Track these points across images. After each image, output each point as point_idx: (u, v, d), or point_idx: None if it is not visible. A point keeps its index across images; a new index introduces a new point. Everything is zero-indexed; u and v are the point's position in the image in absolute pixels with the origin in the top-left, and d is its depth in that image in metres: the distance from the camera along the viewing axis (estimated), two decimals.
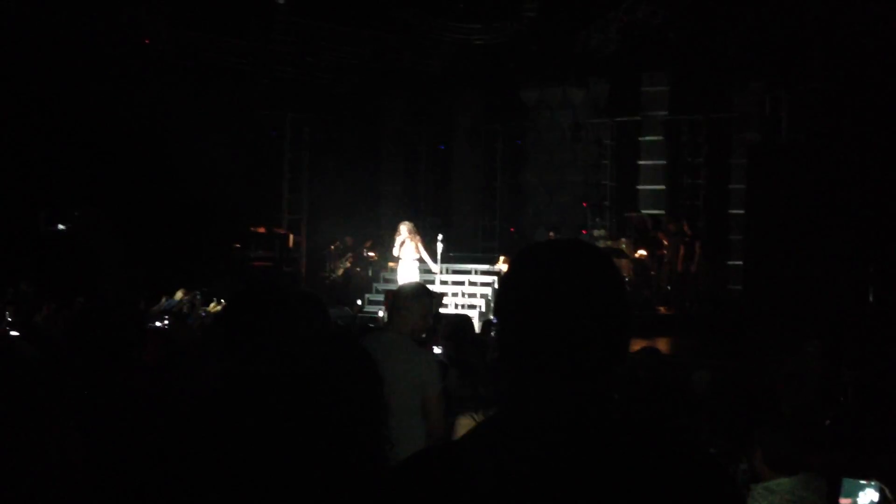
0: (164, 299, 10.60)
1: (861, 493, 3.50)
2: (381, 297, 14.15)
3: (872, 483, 3.44)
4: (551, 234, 14.91)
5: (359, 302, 13.12)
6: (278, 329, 2.28)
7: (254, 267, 13.54)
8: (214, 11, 12.92)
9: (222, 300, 9.41)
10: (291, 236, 15.00)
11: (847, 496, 3.53)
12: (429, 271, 13.27)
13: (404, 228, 12.87)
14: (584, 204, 16.32)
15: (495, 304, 1.36)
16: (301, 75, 14.38)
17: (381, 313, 13.08)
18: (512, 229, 17.00)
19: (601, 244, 14.84)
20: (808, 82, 12.83)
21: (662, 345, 12.21)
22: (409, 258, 12.96)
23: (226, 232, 13.87)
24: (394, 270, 14.68)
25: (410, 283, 4.34)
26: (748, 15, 12.69)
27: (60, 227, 11.96)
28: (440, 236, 13.45)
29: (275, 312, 2.32)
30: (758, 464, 3.61)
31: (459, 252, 15.46)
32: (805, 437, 3.65)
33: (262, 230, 14.40)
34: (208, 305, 10.40)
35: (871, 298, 9.54)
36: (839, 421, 4.89)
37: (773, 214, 10.45)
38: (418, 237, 12.97)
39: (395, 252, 12.96)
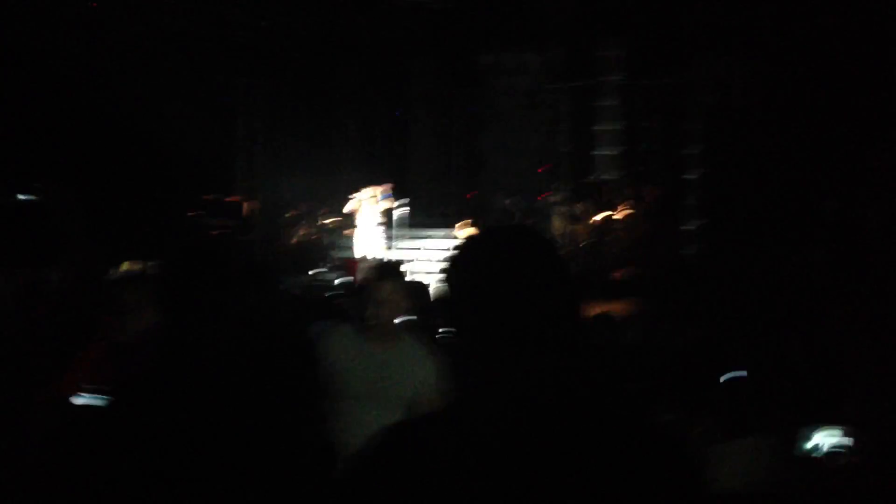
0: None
1: (822, 436, 3.57)
2: (339, 264, 14.10)
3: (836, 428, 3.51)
4: (507, 201, 14.97)
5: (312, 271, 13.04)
6: (209, 291, 2.23)
7: (209, 235, 13.34)
8: None
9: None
10: (246, 204, 14.81)
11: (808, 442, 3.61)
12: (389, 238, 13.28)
13: (363, 193, 12.83)
14: (540, 169, 16.35)
15: (449, 285, 1.40)
16: (254, 40, 14.11)
17: (337, 281, 13.03)
18: (469, 195, 16.99)
19: (558, 209, 14.93)
20: (761, 46, 12.93)
21: (620, 308, 12.36)
22: (368, 225, 12.91)
23: (180, 200, 13.64)
24: (350, 238, 14.61)
25: (378, 266, 4.12)
26: None
27: (22, 197, 11.64)
28: (396, 203, 13.43)
29: (207, 273, 2.27)
30: (713, 426, 3.66)
31: (416, 218, 15.44)
32: (759, 396, 3.70)
33: (216, 198, 14.20)
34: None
35: (822, 263, 9.72)
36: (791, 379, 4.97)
37: (728, 178, 10.57)
38: (379, 202, 12.93)
39: (347, 210, 12.85)
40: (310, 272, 12.17)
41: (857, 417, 3.96)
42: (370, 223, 13.06)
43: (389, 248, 13.73)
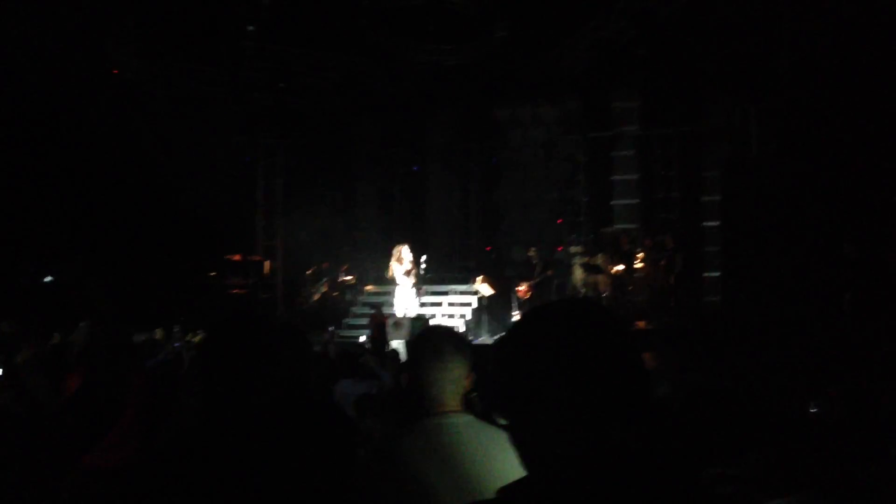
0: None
1: None
2: (358, 322, 14.10)
3: None
4: (531, 251, 14.96)
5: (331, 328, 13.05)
6: (261, 357, 2.24)
7: (230, 295, 13.41)
8: (184, 39, 12.86)
9: (200, 331, 9.29)
10: (267, 263, 14.91)
11: None
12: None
13: (399, 251, 12.85)
14: (560, 220, 16.37)
15: (506, 369, 1.34)
16: (273, 101, 14.34)
17: (362, 338, 13.03)
18: (488, 248, 17.02)
19: (578, 260, 14.91)
20: (776, 95, 12.99)
21: (647, 360, 12.24)
22: (403, 281, 12.92)
23: (202, 261, 13.76)
24: (371, 294, 14.63)
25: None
26: (716, 30, 12.84)
27: (48, 279, 11.83)
28: (423, 257, 13.44)
29: (257, 341, 2.28)
30: (747, 485, 3.59)
31: (436, 272, 15.46)
32: (795, 454, 3.63)
33: (237, 258, 14.29)
34: (187, 337, 10.26)
35: (846, 307, 9.62)
36: (827, 436, 4.88)
37: (747, 226, 10.54)
38: (412, 259, 12.96)
39: (388, 274, 12.92)
40: (330, 329, 12.17)
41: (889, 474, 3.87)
42: (407, 280, 13.09)
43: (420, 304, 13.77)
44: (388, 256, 13.14)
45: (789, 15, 11.68)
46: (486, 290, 14.08)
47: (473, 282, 14.26)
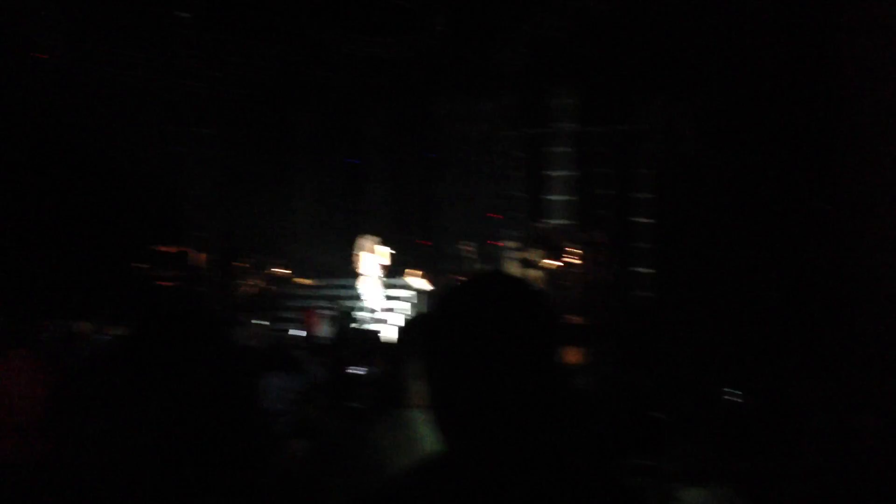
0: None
1: None
2: (292, 315, 13.91)
3: None
4: (467, 245, 14.95)
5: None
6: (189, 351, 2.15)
7: (160, 287, 13.09)
8: (115, 25, 12.49)
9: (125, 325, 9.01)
10: (199, 255, 14.58)
11: None
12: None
13: (363, 243, 12.65)
14: (496, 216, 16.41)
15: (427, 340, 1.22)
16: (207, 90, 14.03)
17: (294, 331, 12.83)
18: (426, 242, 16.96)
19: (513, 255, 14.95)
20: (710, 94, 13.19)
21: (573, 355, 12.34)
22: (372, 274, 12.70)
23: (131, 252, 13.39)
24: (305, 286, 14.44)
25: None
26: (652, 28, 12.98)
27: None
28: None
29: (186, 334, 2.18)
30: (668, 475, 3.59)
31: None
32: (710, 446, 3.64)
33: (168, 249, 13.96)
34: (114, 330, 9.96)
35: (778, 305, 9.79)
36: (749, 429, 4.93)
37: (679, 223, 10.68)
38: (379, 251, 12.77)
39: (356, 266, 12.69)
40: (255, 322, 11.95)
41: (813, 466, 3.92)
42: (370, 274, 12.85)
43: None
44: (324, 249, 12.98)
45: (723, 13, 11.85)
46: (416, 283, 14.04)
47: (405, 275, 14.21)
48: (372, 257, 12.90)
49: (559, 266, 13.99)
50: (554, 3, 13.47)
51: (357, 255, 12.90)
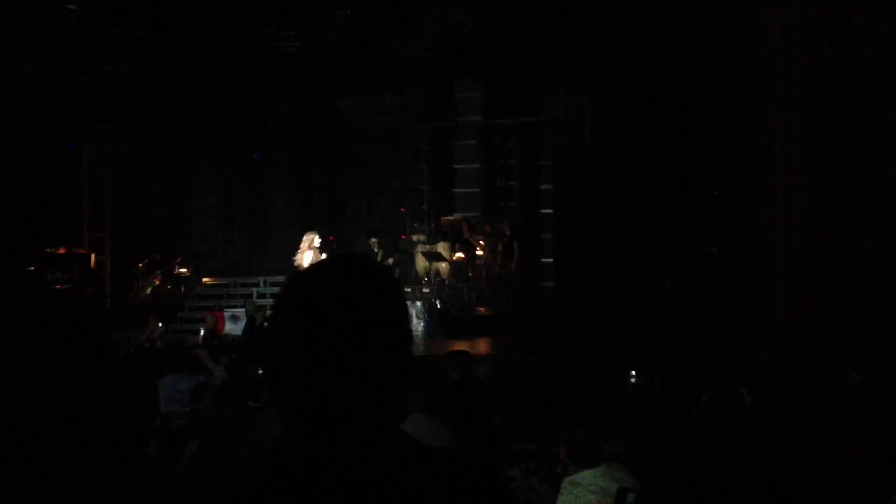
0: None
1: None
2: (195, 316, 13.59)
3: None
4: (372, 240, 14.90)
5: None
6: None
7: (51, 290, 12.60)
8: (1, 17, 11.93)
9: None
10: (93, 255, 14.10)
11: None
12: None
13: (311, 239, 12.32)
14: (403, 209, 16.41)
15: (265, 335, 1.21)
16: (99, 84, 13.54)
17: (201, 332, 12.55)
18: (332, 237, 16.81)
19: (421, 248, 14.98)
20: (608, 89, 13.49)
21: (483, 345, 12.47)
22: None
23: (20, 254, 12.85)
24: (208, 286, 14.13)
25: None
26: (554, 24, 13.17)
27: None
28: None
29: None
30: (563, 458, 3.67)
31: (277, 263, 15.13)
32: (603, 429, 3.74)
33: (60, 250, 13.44)
34: None
35: (667, 291, 10.10)
36: (640, 411, 5.08)
37: (578, 213, 10.89)
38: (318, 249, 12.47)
39: (297, 262, 12.38)
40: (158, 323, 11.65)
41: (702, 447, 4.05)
42: None
43: None
44: (230, 247, 12.70)
45: (621, 9, 12.13)
46: None
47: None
48: (311, 254, 12.66)
49: (465, 258, 14.09)
50: None
51: (301, 253, 12.64)
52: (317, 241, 12.59)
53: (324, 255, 12.75)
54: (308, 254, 12.43)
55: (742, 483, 3.05)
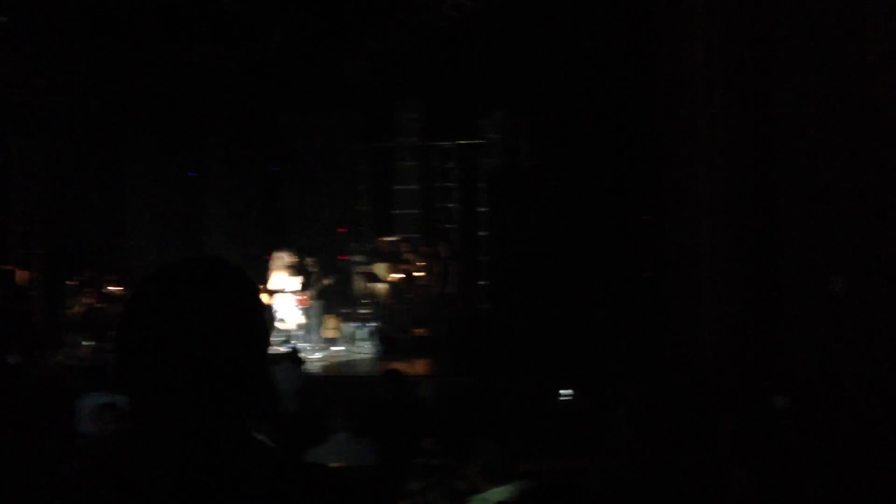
0: None
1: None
2: None
3: None
4: (309, 260, 14.77)
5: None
6: None
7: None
8: None
9: None
10: (22, 272, 13.71)
11: None
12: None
13: (280, 257, 12.08)
14: (342, 229, 16.34)
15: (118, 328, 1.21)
16: (28, 97, 13.24)
17: None
18: (267, 257, 16.64)
19: (360, 269, 14.92)
20: (544, 110, 13.65)
21: (420, 366, 12.44)
22: (288, 291, 12.13)
23: None
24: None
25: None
26: (491, 46, 13.31)
27: None
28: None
29: None
30: (472, 475, 3.66)
31: None
32: (517, 446, 3.74)
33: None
34: None
35: (600, 313, 10.21)
36: (550, 430, 5.10)
37: (514, 235, 10.97)
38: (294, 268, 12.23)
39: (269, 284, 12.09)
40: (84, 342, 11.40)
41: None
42: (290, 289, 12.24)
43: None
44: (149, 266, 12.39)
45: (557, 31, 12.31)
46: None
47: None
48: (284, 275, 12.40)
49: (403, 279, 14.08)
50: (395, 18, 13.57)
51: (270, 272, 12.35)
52: (288, 259, 12.35)
53: (300, 277, 12.62)
54: (280, 274, 12.16)
55: (647, 499, 3.07)
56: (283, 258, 12.45)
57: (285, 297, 12.38)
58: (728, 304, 8.01)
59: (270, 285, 12.54)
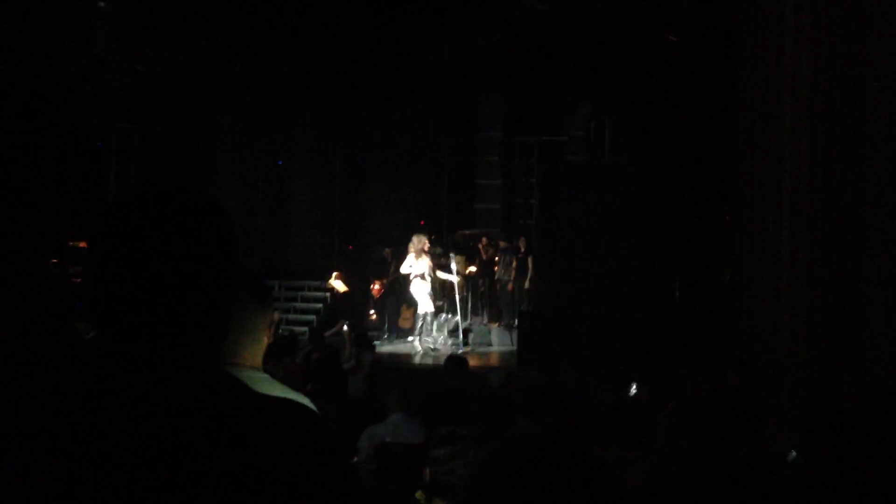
0: None
1: None
2: None
3: None
4: (387, 250, 14.95)
5: None
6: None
7: (72, 283, 12.81)
8: (30, 14, 12.16)
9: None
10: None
11: None
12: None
13: (423, 242, 12.13)
14: (422, 222, 16.46)
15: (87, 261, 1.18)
16: (128, 84, 13.78)
17: None
18: (350, 247, 16.93)
19: (436, 261, 15.00)
20: (627, 107, 13.49)
21: (493, 358, 12.47)
22: (418, 277, 12.15)
23: (42, 247, 13.08)
24: None
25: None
26: (575, 41, 13.21)
27: None
28: (452, 254, 12.91)
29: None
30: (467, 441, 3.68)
31: (294, 267, 15.29)
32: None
33: (82, 244, 13.66)
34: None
35: (675, 313, 10.06)
36: (606, 421, 5.07)
37: (591, 231, 10.91)
38: (428, 252, 12.27)
39: (405, 269, 12.15)
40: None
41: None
42: (420, 275, 12.27)
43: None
44: (247, 250, 12.71)
45: (641, 27, 12.14)
46: (340, 286, 14.01)
47: (329, 277, 14.18)
48: (420, 259, 12.32)
49: (480, 272, 14.12)
50: (480, 11, 13.59)
51: (416, 258, 12.31)
52: (427, 245, 12.34)
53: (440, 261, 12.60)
54: (422, 259, 12.09)
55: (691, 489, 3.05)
56: (424, 242, 12.40)
57: (420, 282, 12.29)
58: (808, 308, 7.78)
59: (403, 268, 12.50)
